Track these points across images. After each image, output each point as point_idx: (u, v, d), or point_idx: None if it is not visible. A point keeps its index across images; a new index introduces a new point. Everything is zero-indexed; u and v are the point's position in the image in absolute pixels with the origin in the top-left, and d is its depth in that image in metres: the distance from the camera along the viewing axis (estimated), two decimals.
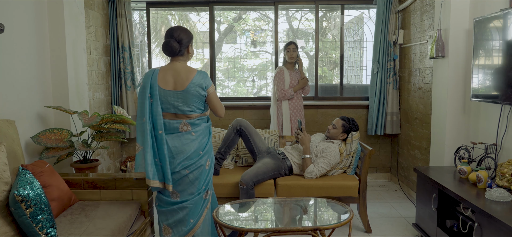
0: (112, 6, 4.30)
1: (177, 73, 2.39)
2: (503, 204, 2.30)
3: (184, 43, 2.42)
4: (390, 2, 4.35)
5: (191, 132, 2.43)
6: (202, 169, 2.48)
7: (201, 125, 2.48)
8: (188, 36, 2.44)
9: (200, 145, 2.46)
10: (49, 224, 1.94)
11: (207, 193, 2.55)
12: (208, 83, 2.42)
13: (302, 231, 2.38)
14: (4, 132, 2.25)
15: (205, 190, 2.53)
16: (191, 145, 2.42)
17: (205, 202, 2.54)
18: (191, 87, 2.36)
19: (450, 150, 3.23)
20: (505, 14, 2.59)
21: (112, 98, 4.43)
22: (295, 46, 4.09)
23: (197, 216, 2.50)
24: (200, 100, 2.41)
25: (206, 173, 2.51)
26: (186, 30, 2.45)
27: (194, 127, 2.44)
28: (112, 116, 3.04)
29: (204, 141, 2.49)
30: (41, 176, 2.24)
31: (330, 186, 3.15)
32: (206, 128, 2.53)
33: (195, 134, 2.44)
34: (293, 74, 4.11)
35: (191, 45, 2.48)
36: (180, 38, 2.40)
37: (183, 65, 2.44)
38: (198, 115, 2.45)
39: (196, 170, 2.46)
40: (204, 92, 2.40)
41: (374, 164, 4.80)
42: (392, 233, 3.26)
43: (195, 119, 2.44)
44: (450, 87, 3.20)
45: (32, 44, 2.87)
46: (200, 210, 2.51)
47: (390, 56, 4.43)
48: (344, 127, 3.30)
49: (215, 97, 2.48)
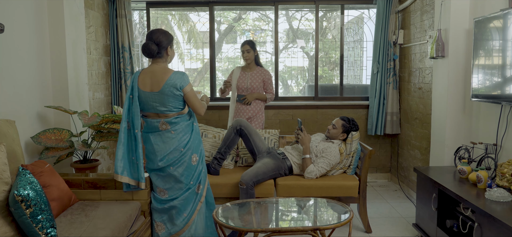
0: (112, 6, 4.30)
1: (154, 75, 2.47)
2: (503, 204, 2.30)
3: (163, 45, 2.47)
4: (390, 2, 4.35)
5: (170, 130, 2.52)
6: (187, 165, 2.56)
7: (180, 123, 2.54)
8: (167, 38, 2.50)
9: (180, 143, 2.53)
10: (49, 224, 1.93)
11: (198, 187, 2.62)
12: (184, 83, 2.46)
13: (302, 231, 2.38)
14: (4, 132, 2.25)
15: (195, 184, 2.61)
16: (171, 143, 2.51)
17: (198, 196, 2.63)
18: (165, 88, 2.43)
19: (450, 150, 3.23)
20: (505, 14, 2.59)
21: (112, 98, 4.43)
22: (249, 47, 3.81)
23: (190, 210, 2.59)
24: (176, 99, 2.47)
25: (193, 168, 2.59)
26: (165, 32, 2.51)
27: (173, 126, 2.52)
28: (112, 117, 3.04)
29: (184, 138, 2.55)
30: (41, 176, 2.24)
31: (330, 186, 3.15)
32: (187, 125, 2.58)
33: (175, 132, 2.52)
34: (246, 76, 3.85)
35: (170, 48, 2.54)
36: (158, 41, 2.46)
37: (160, 67, 2.50)
38: (175, 114, 2.52)
39: (180, 166, 2.55)
40: (178, 92, 2.45)
41: (374, 164, 4.80)
42: (392, 233, 3.26)
43: (172, 118, 2.51)
44: (450, 87, 3.20)
45: (32, 44, 2.87)
46: (193, 205, 2.61)
47: (390, 56, 4.43)
48: (344, 127, 3.30)
49: (193, 96, 2.51)
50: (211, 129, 3.69)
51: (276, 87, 4.72)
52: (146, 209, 2.63)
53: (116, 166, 2.48)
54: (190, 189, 2.59)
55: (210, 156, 3.53)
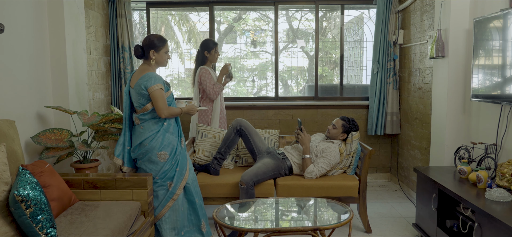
0: (112, 6, 4.30)
1: (136, 74, 2.79)
2: (503, 204, 2.30)
3: (146, 48, 2.75)
4: (390, 2, 4.35)
5: (140, 125, 2.77)
6: (152, 160, 2.75)
7: (148, 120, 2.75)
8: (152, 43, 2.73)
9: (146, 138, 2.74)
10: (49, 224, 1.93)
11: (170, 185, 2.79)
12: (149, 84, 2.67)
13: (302, 231, 2.38)
14: (4, 132, 2.24)
15: (165, 181, 2.78)
16: (139, 137, 2.76)
17: (168, 193, 2.78)
18: (136, 86, 2.71)
19: (450, 150, 3.23)
20: (505, 14, 2.59)
21: (112, 98, 4.43)
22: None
23: (158, 204, 2.78)
24: (142, 97, 2.71)
25: (159, 165, 2.76)
26: (152, 37, 2.75)
27: (142, 121, 2.76)
28: (112, 116, 3.05)
29: (151, 135, 2.74)
30: (41, 176, 2.24)
31: (330, 186, 3.15)
32: (155, 123, 2.76)
33: (143, 128, 2.76)
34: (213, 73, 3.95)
35: (155, 52, 2.74)
36: (144, 44, 2.75)
37: (142, 68, 2.78)
38: (142, 111, 2.75)
39: (146, 161, 2.77)
40: (144, 91, 2.69)
41: (374, 164, 4.80)
42: (392, 233, 3.26)
43: (140, 114, 2.75)
44: (450, 87, 3.20)
45: (32, 44, 2.87)
46: (162, 200, 2.78)
47: (390, 56, 4.43)
48: (344, 127, 3.30)
49: (156, 97, 2.68)
50: (211, 129, 3.69)
51: (276, 87, 4.73)
52: (146, 209, 2.63)
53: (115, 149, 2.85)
54: (156, 183, 2.78)
55: (210, 156, 3.53)
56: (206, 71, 3.83)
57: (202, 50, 3.89)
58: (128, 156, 2.85)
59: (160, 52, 2.76)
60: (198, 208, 2.88)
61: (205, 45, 3.88)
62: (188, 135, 4.34)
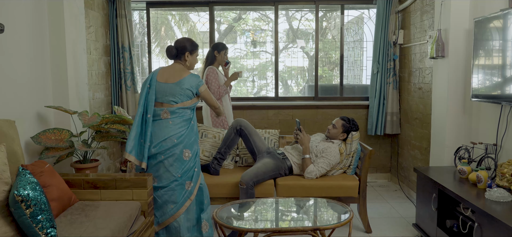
0: (112, 6, 4.30)
1: (172, 71, 2.83)
2: (503, 204, 2.30)
3: (182, 50, 2.84)
4: (390, 2, 4.35)
5: (169, 119, 2.75)
6: (177, 157, 2.73)
7: (180, 115, 2.77)
8: (189, 45, 2.85)
9: (175, 133, 2.73)
10: (49, 224, 1.93)
11: (189, 184, 2.78)
12: (200, 83, 2.82)
13: (302, 231, 2.38)
14: (4, 132, 2.24)
15: (184, 179, 2.76)
16: (166, 131, 2.73)
17: (187, 192, 2.77)
18: (182, 82, 2.75)
19: (450, 150, 3.23)
20: (505, 14, 2.59)
21: (112, 99, 4.43)
22: None
23: (177, 204, 2.75)
24: (186, 95, 2.76)
25: (184, 163, 2.75)
26: (187, 41, 2.86)
27: (172, 115, 2.75)
28: (112, 117, 3.05)
29: (180, 130, 2.75)
30: (41, 176, 2.24)
31: (330, 186, 3.15)
32: (186, 120, 2.79)
33: (172, 123, 2.75)
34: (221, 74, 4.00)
35: (190, 54, 2.86)
36: (180, 46, 2.84)
37: (179, 67, 2.85)
38: (178, 105, 2.76)
39: (170, 157, 2.73)
40: (193, 89, 2.78)
41: (374, 164, 4.80)
42: (392, 233, 3.26)
43: (175, 108, 2.75)
44: (450, 87, 3.20)
45: (32, 44, 2.87)
46: (181, 199, 2.76)
47: (390, 56, 4.43)
48: (344, 126, 3.30)
49: (210, 96, 2.89)
50: (211, 129, 3.69)
51: (276, 87, 4.73)
52: (146, 209, 2.63)
53: (127, 144, 2.73)
54: (178, 181, 2.74)
55: (210, 156, 3.53)
56: (214, 71, 3.89)
57: (213, 50, 3.97)
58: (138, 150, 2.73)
59: (194, 56, 2.89)
60: (204, 208, 2.89)
61: (216, 46, 3.99)
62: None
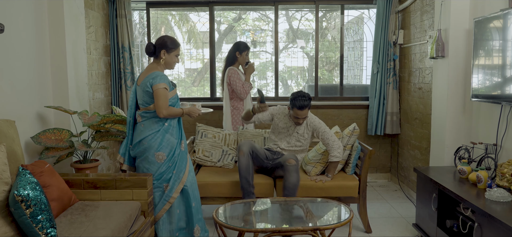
0: (112, 6, 4.30)
1: (144, 71, 2.81)
2: (503, 204, 2.30)
3: (158, 47, 2.76)
4: (390, 2, 4.35)
5: (141, 123, 2.78)
6: (149, 160, 2.75)
7: (149, 118, 2.76)
8: (164, 43, 2.75)
9: (144, 136, 2.74)
10: (49, 224, 1.93)
11: (166, 188, 2.77)
12: (154, 82, 2.67)
13: (302, 231, 2.38)
14: (4, 132, 2.24)
15: (161, 182, 2.76)
16: (140, 134, 2.77)
17: (165, 195, 2.77)
18: (142, 84, 2.72)
19: (450, 150, 3.23)
20: (505, 14, 2.59)
21: (112, 99, 4.43)
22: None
23: (156, 207, 2.77)
24: (147, 95, 2.71)
25: (156, 166, 2.75)
26: (165, 38, 2.77)
27: (143, 119, 2.78)
28: (112, 116, 3.05)
29: (151, 133, 2.73)
30: (41, 176, 2.24)
31: (330, 186, 3.15)
32: (155, 123, 2.75)
33: (144, 126, 2.77)
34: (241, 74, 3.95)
35: (166, 52, 2.76)
36: (157, 43, 2.77)
37: (150, 66, 2.80)
38: (145, 109, 2.76)
39: (144, 160, 2.77)
40: (148, 88, 2.69)
41: (374, 164, 4.80)
42: (392, 233, 3.26)
43: (142, 112, 2.77)
44: (450, 87, 3.20)
45: (32, 44, 2.87)
46: (159, 203, 2.77)
47: (390, 56, 4.43)
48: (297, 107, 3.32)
49: (158, 96, 2.65)
50: (211, 129, 3.69)
51: (276, 87, 4.73)
52: (146, 209, 2.63)
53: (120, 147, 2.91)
54: (154, 183, 2.76)
55: (210, 155, 3.53)
56: (235, 72, 3.84)
57: (234, 50, 3.89)
58: (128, 154, 2.88)
59: (171, 54, 2.79)
60: (194, 212, 2.84)
61: (237, 46, 3.89)
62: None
